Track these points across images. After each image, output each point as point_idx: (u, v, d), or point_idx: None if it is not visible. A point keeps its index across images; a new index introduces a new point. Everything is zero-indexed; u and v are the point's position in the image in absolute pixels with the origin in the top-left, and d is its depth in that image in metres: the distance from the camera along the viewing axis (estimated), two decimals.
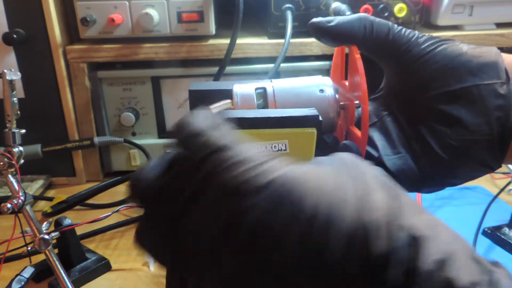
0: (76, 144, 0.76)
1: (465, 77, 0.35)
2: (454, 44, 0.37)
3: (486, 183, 0.75)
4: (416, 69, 0.37)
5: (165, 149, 0.24)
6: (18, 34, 0.68)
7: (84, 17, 0.70)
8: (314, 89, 0.38)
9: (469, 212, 0.66)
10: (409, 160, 0.38)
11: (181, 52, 0.73)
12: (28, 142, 0.72)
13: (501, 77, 0.35)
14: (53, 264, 0.48)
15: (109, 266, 0.57)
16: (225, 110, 0.37)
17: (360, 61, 0.36)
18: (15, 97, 0.48)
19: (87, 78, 0.75)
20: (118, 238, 0.63)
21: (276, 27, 0.75)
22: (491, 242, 0.59)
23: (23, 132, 0.49)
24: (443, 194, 0.71)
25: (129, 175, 0.29)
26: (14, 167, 0.47)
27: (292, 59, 0.75)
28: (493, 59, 0.36)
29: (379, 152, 0.39)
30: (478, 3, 0.76)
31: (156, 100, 0.78)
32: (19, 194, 0.47)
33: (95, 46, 0.73)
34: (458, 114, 0.35)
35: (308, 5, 0.74)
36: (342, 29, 0.37)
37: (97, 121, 0.78)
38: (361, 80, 0.35)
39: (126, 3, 0.70)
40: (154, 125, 0.79)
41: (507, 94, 0.35)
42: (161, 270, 0.56)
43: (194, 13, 0.71)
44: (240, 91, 0.38)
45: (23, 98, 0.72)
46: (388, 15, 0.74)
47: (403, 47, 0.37)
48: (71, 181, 0.79)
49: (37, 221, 0.48)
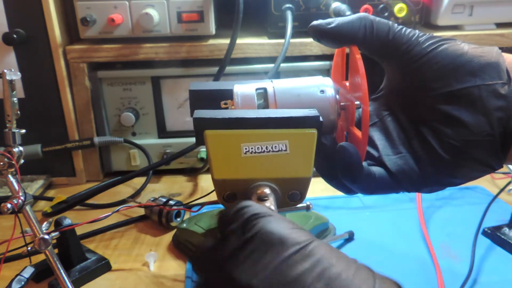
0: (76, 144, 0.76)
1: (466, 78, 0.35)
2: (455, 44, 0.37)
3: (486, 183, 0.75)
4: (417, 69, 0.37)
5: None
6: (18, 34, 0.68)
7: (84, 17, 0.70)
8: (314, 89, 0.38)
9: (469, 212, 0.66)
10: (409, 160, 0.38)
11: (181, 52, 0.73)
12: (28, 142, 0.72)
13: (502, 78, 0.35)
14: (53, 264, 0.48)
15: (109, 266, 0.57)
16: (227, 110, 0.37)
17: (361, 61, 0.36)
18: (15, 97, 0.48)
19: (87, 78, 0.75)
20: (118, 238, 0.63)
21: (276, 27, 0.75)
22: (491, 242, 0.59)
23: (23, 132, 0.49)
24: (443, 194, 0.71)
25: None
26: (14, 167, 0.47)
27: (292, 59, 0.75)
28: (494, 59, 0.35)
29: (380, 152, 0.39)
30: (478, 3, 0.76)
31: (156, 100, 0.78)
32: (19, 194, 0.47)
33: (95, 46, 0.73)
34: (459, 115, 0.35)
35: (308, 5, 0.74)
36: (342, 30, 0.37)
37: (97, 121, 0.78)
38: (361, 81, 0.35)
39: (126, 3, 0.70)
40: (154, 125, 0.79)
41: (508, 95, 0.35)
42: (161, 270, 0.56)
43: (194, 13, 0.71)
44: (241, 91, 0.38)
45: (23, 98, 0.72)
46: (388, 15, 0.74)
47: (404, 47, 0.37)
48: (71, 181, 0.79)
49: (37, 221, 0.48)
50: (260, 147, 0.34)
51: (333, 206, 0.69)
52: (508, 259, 0.56)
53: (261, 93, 0.38)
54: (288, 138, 0.34)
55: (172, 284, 0.54)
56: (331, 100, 0.38)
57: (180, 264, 0.57)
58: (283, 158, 0.34)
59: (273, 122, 0.34)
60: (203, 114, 0.35)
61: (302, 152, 0.34)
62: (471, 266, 0.53)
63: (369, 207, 0.68)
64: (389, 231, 0.62)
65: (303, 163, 0.34)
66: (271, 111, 0.36)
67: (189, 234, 0.58)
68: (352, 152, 0.36)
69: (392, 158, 0.38)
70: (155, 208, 0.64)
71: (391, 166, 0.38)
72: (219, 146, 0.34)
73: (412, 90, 0.38)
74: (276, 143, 0.34)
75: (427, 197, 0.68)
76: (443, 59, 0.36)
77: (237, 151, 0.33)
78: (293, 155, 0.34)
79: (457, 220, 0.64)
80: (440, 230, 0.62)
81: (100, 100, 0.77)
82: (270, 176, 0.34)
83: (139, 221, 0.67)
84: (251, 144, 0.33)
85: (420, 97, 0.37)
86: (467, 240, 0.58)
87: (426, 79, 0.36)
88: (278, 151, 0.34)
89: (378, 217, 0.65)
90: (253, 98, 0.38)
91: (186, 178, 0.81)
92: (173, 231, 0.63)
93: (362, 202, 0.69)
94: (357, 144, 0.37)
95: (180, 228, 0.60)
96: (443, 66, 0.36)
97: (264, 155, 0.33)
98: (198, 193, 0.76)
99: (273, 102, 0.38)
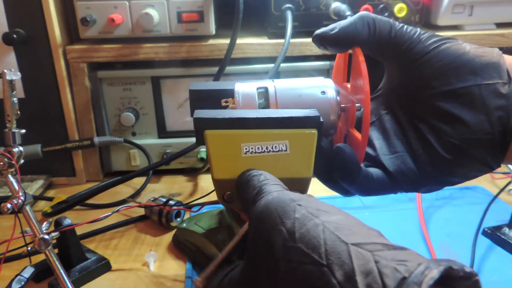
0: (76, 144, 0.76)
1: (467, 76, 0.35)
2: (457, 43, 0.37)
3: (486, 183, 0.75)
4: (418, 67, 0.37)
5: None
6: (18, 34, 0.68)
7: (84, 17, 0.70)
8: (315, 90, 0.38)
9: (469, 212, 0.66)
10: (407, 159, 0.38)
11: (181, 52, 0.73)
12: (28, 142, 0.72)
13: (502, 77, 0.35)
14: (53, 264, 0.48)
15: (109, 266, 0.57)
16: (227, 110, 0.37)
17: (364, 64, 0.36)
18: (15, 97, 0.48)
19: (87, 78, 0.75)
20: (118, 238, 0.63)
21: (276, 27, 0.75)
22: (491, 242, 0.59)
23: (23, 132, 0.49)
24: (443, 194, 0.71)
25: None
26: (14, 167, 0.47)
27: (292, 59, 0.75)
28: (495, 59, 0.36)
29: (377, 152, 0.39)
30: (478, 3, 0.76)
31: (156, 100, 0.78)
32: (19, 194, 0.47)
33: (95, 46, 0.73)
34: (459, 113, 0.35)
35: (308, 5, 0.74)
36: (346, 33, 0.37)
37: (97, 121, 0.77)
38: (364, 83, 0.35)
39: (126, 3, 0.70)
40: (154, 125, 0.79)
41: (508, 94, 0.35)
42: (161, 270, 0.56)
43: (194, 13, 0.71)
44: (242, 90, 0.38)
45: (23, 98, 0.72)
46: (388, 15, 0.74)
47: (406, 45, 0.37)
48: (71, 181, 0.79)
49: (37, 221, 0.48)
50: (260, 147, 0.34)
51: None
52: (508, 259, 0.56)
53: (262, 92, 0.38)
54: (288, 138, 0.34)
55: (172, 284, 0.54)
56: (332, 101, 0.38)
57: (180, 264, 0.57)
58: (283, 158, 0.34)
59: (273, 122, 0.34)
60: (203, 114, 0.35)
61: (302, 152, 0.34)
62: (471, 266, 0.54)
63: (369, 207, 0.68)
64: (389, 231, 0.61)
65: (303, 163, 0.34)
66: (271, 111, 0.36)
67: (189, 234, 0.58)
68: (350, 153, 0.36)
69: (390, 158, 0.38)
70: (155, 208, 0.64)
71: (389, 166, 0.38)
72: (219, 146, 0.34)
73: (412, 88, 0.38)
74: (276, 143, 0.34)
75: (427, 197, 0.68)
76: (445, 58, 0.36)
77: (237, 151, 0.33)
78: (293, 155, 0.34)
79: (457, 220, 0.64)
80: (440, 230, 0.62)
81: (100, 100, 0.77)
82: None
83: (139, 221, 0.67)
84: (251, 144, 0.33)
85: (421, 95, 0.37)
86: (467, 240, 0.58)
87: (427, 77, 0.37)
88: (278, 151, 0.34)
89: (378, 217, 0.65)
90: (254, 97, 0.38)
91: (186, 178, 0.81)
92: (173, 231, 0.63)
93: (362, 202, 0.69)
94: (356, 145, 0.37)
95: (180, 228, 0.60)
96: (444, 65, 0.36)
97: (264, 155, 0.33)
98: (198, 193, 0.76)
99: (274, 102, 0.38)
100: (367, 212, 0.67)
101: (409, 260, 0.21)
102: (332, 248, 0.23)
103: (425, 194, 0.67)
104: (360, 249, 0.23)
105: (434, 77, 0.36)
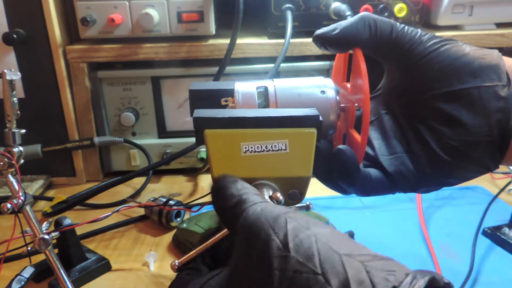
0: (76, 144, 0.76)
1: (467, 78, 0.35)
2: (457, 45, 0.37)
3: (486, 183, 0.75)
4: (418, 68, 0.37)
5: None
6: (18, 34, 0.68)
7: (84, 17, 0.70)
8: (315, 90, 0.38)
9: (469, 212, 0.66)
10: (406, 160, 0.38)
11: (181, 52, 0.73)
12: (28, 142, 0.72)
13: (502, 80, 0.35)
14: (53, 264, 0.48)
15: (109, 266, 0.57)
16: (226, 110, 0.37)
17: (364, 64, 0.36)
18: (15, 97, 0.48)
19: (87, 78, 0.75)
20: (118, 238, 0.63)
21: (276, 27, 0.75)
22: (491, 242, 0.59)
23: (23, 132, 0.49)
24: (443, 194, 0.71)
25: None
26: (14, 167, 0.47)
27: (292, 59, 0.75)
28: (495, 61, 0.36)
29: (376, 152, 0.39)
30: (478, 3, 0.76)
31: (156, 100, 0.78)
32: (19, 194, 0.47)
33: (95, 46, 0.73)
34: (458, 115, 0.35)
35: (308, 5, 0.74)
36: (347, 33, 0.37)
37: (97, 121, 0.78)
38: (363, 84, 0.35)
39: (126, 3, 0.70)
40: (154, 125, 0.79)
41: (508, 97, 0.35)
42: (161, 270, 0.56)
43: (194, 13, 0.71)
44: (242, 89, 0.38)
45: (23, 98, 0.72)
46: (388, 15, 0.74)
47: (407, 46, 0.37)
48: (71, 181, 0.79)
49: (37, 221, 0.48)
50: (259, 146, 0.34)
51: (333, 206, 0.69)
52: (508, 259, 0.56)
53: (262, 91, 0.38)
54: (288, 137, 0.34)
55: None
56: (332, 101, 0.38)
57: None
58: (283, 157, 0.34)
59: (272, 121, 0.34)
60: (203, 113, 0.35)
61: (302, 152, 0.34)
62: (471, 266, 0.53)
63: (369, 207, 0.68)
64: (389, 231, 0.62)
65: (303, 162, 0.34)
66: (270, 111, 0.36)
67: (189, 234, 0.58)
68: (350, 155, 0.36)
69: (389, 159, 0.38)
70: (155, 208, 0.64)
71: (388, 166, 0.38)
72: (219, 145, 0.34)
73: (412, 88, 0.38)
74: (275, 142, 0.34)
75: (427, 197, 0.68)
76: (445, 59, 0.36)
77: (237, 150, 0.33)
78: (293, 154, 0.34)
79: (457, 220, 0.64)
80: (440, 230, 0.62)
81: (100, 100, 0.77)
82: (269, 175, 0.34)
83: (139, 221, 0.67)
84: (250, 143, 0.33)
85: (420, 96, 0.37)
86: (467, 240, 0.58)
87: (427, 78, 0.37)
88: (277, 150, 0.34)
89: (378, 217, 0.65)
90: (254, 97, 0.38)
91: (186, 178, 0.81)
92: (173, 231, 0.63)
93: (362, 202, 0.69)
94: (355, 146, 0.37)
95: (180, 228, 0.60)
96: (444, 66, 0.36)
97: (263, 154, 0.34)
98: (198, 193, 0.76)
99: (274, 101, 0.38)
100: (367, 212, 0.67)
101: (397, 270, 0.23)
102: (326, 257, 0.24)
103: (425, 194, 0.67)
104: (351, 259, 0.24)
105: (434, 78, 0.36)
